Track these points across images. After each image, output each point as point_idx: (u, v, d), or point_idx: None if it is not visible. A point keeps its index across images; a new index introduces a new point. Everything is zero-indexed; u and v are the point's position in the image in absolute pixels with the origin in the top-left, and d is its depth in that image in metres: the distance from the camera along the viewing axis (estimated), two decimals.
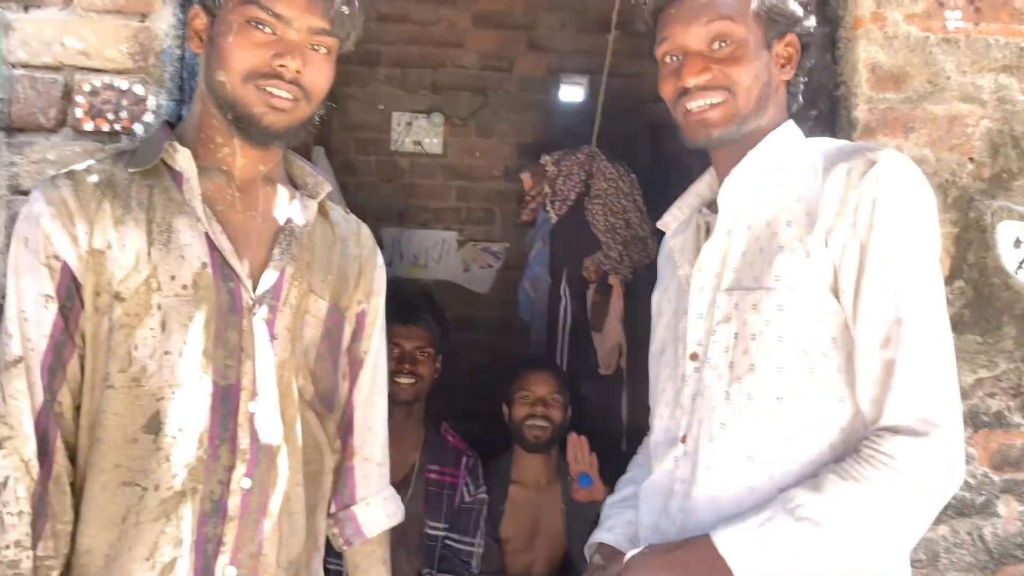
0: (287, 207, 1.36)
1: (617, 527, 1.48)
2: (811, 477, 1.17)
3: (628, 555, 1.21)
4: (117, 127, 1.56)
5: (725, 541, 1.13)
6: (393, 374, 2.48)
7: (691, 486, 1.27)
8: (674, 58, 1.31)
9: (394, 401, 2.46)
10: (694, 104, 1.28)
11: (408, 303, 2.60)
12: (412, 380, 2.52)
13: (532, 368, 2.78)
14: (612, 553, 1.41)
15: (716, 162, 1.39)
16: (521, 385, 2.71)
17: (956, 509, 1.67)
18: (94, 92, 1.56)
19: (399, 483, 2.43)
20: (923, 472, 1.10)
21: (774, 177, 1.29)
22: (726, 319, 1.26)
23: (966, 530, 1.67)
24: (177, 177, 1.27)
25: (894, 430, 1.12)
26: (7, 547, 1.15)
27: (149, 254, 1.21)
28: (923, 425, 1.10)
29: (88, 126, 1.55)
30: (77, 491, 1.21)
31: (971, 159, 1.71)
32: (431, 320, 2.61)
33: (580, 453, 2.50)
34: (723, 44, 1.26)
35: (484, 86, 4.00)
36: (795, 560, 1.11)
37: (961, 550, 1.67)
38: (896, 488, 1.10)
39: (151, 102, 1.57)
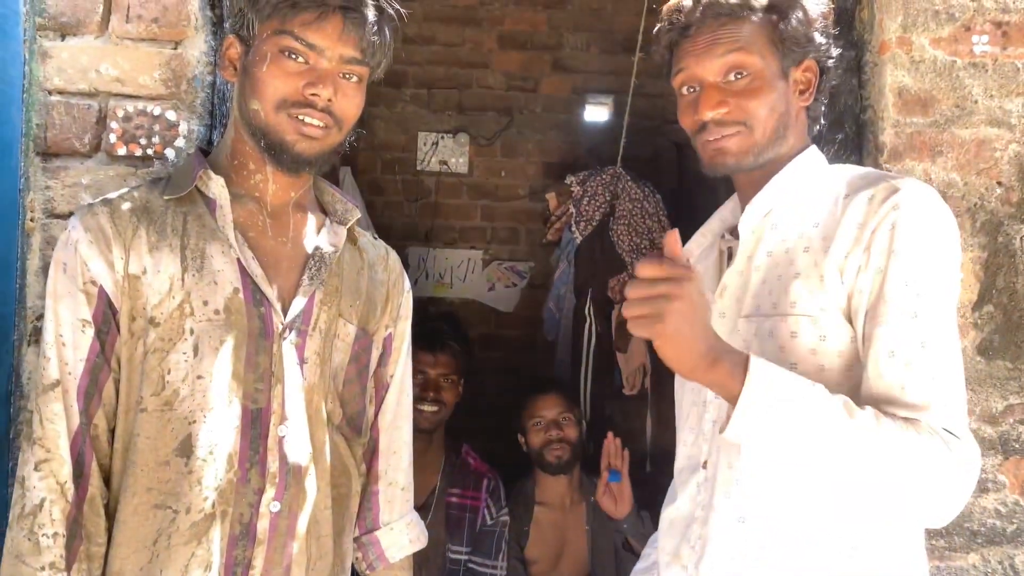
0: (317, 233, 1.38)
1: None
2: (828, 502, 1.15)
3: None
4: (149, 152, 1.59)
5: (758, 364, 1.06)
6: (416, 401, 2.49)
7: (710, 512, 1.27)
8: (691, 89, 1.31)
9: (416, 428, 2.48)
10: (712, 136, 1.28)
11: (434, 329, 2.60)
12: (435, 408, 2.52)
13: (538, 393, 2.76)
14: None
15: (739, 188, 1.39)
16: (531, 413, 2.71)
17: (986, 537, 1.64)
18: (127, 118, 1.59)
19: (419, 507, 2.43)
20: (952, 453, 1.06)
21: (795, 204, 1.29)
22: (745, 346, 1.26)
23: (997, 559, 1.64)
24: (210, 204, 1.30)
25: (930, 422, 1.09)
26: (42, 568, 1.16)
27: (183, 280, 1.24)
28: (946, 435, 1.08)
29: (121, 151, 1.59)
30: (110, 514, 1.23)
31: (999, 183, 1.70)
32: (456, 346, 2.61)
33: (614, 448, 2.48)
34: (739, 76, 1.26)
35: (509, 106, 4.03)
36: (807, 430, 1.06)
37: None
38: (927, 449, 1.06)
39: (183, 127, 1.60)
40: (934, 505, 1.09)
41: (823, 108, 1.38)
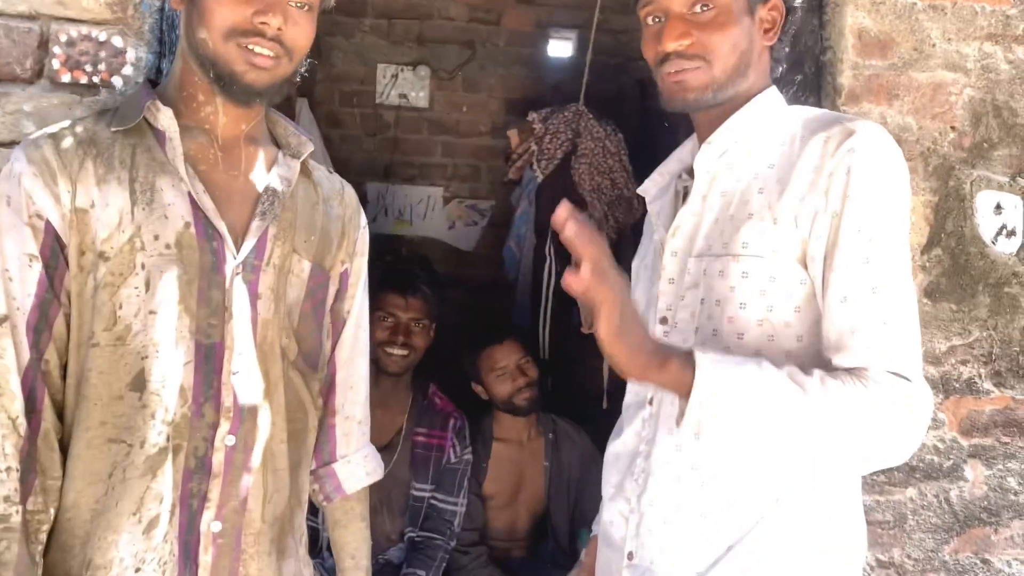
0: (269, 167, 1.36)
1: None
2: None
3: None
4: (95, 79, 1.53)
5: (705, 360, 1.09)
6: (386, 344, 2.48)
7: (652, 447, 1.30)
8: (656, 19, 1.30)
9: (384, 371, 2.46)
10: (672, 68, 1.27)
11: (407, 272, 2.58)
12: (405, 352, 2.52)
13: (494, 343, 2.72)
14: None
15: (697, 127, 1.39)
16: (491, 365, 2.69)
17: (924, 473, 1.71)
18: (71, 43, 1.53)
19: (385, 447, 2.45)
20: (902, 401, 1.10)
21: (751, 144, 1.29)
22: (694, 284, 1.27)
23: (933, 493, 1.71)
24: (160, 136, 1.27)
25: (876, 368, 1.12)
26: None
27: (132, 213, 1.21)
28: (895, 380, 1.11)
29: (65, 77, 1.53)
30: (64, 448, 1.22)
31: (953, 128, 1.72)
32: (428, 291, 2.59)
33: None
34: (705, 8, 1.25)
35: (471, 39, 3.95)
36: (759, 414, 1.09)
37: (928, 512, 1.72)
38: (877, 401, 1.10)
39: (130, 54, 1.54)
40: (890, 452, 1.14)
41: (786, 51, 1.37)
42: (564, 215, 1.04)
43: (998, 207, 1.73)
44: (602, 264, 1.05)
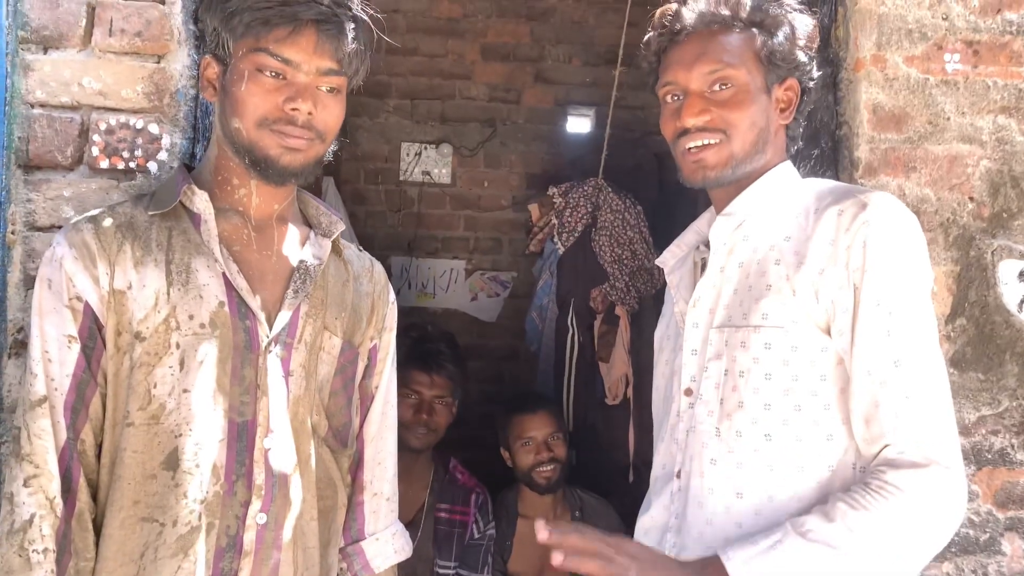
0: (301, 246, 1.39)
1: None
2: (800, 512, 1.17)
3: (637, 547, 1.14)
4: (132, 165, 1.59)
5: (735, 563, 1.10)
6: (409, 423, 2.47)
7: (683, 521, 1.29)
8: (675, 97, 1.34)
9: (406, 447, 2.47)
10: (692, 144, 1.30)
11: (432, 350, 2.59)
12: (427, 430, 2.51)
13: (526, 411, 2.70)
14: None
15: (714, 200, 1.41)
16: (520, 432, 2.66)
17: (960, 547, 1.67)
18: (110, 131, 1.59)
19: (408, 523, 2.43)
20: (929, 502, 1.11)
21: (766, 216, 1.31)
22: (717, 356, 1.28)
23: (971, 568, 1.67)
24: (195, 218, 1.31)
25: (896, 464, 1.13)
26: None
27: (168, 294, 1.25)
28: (925, 459, 1.12)
29: (104, 164, 1.58)
30: (97, 528, 1.23)
31: (971, 198, 1.73)
32: (453, 368, 2.59)
33: None
34: (724, 87, 1.29)
35: (492, 117, 4.05)
36: None
37: None
38: (905, 517, 1.10)
39: (165, 140, 1.60)
40: (931, 550, 1.14)
41: (801, 129, 1.40)
42: (545, 537, 1.10)
43: (1021, 274, 1.73)
44: (606, 555, 1.08)
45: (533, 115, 4.08)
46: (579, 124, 4.04)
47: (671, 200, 3.47)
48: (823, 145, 1.79)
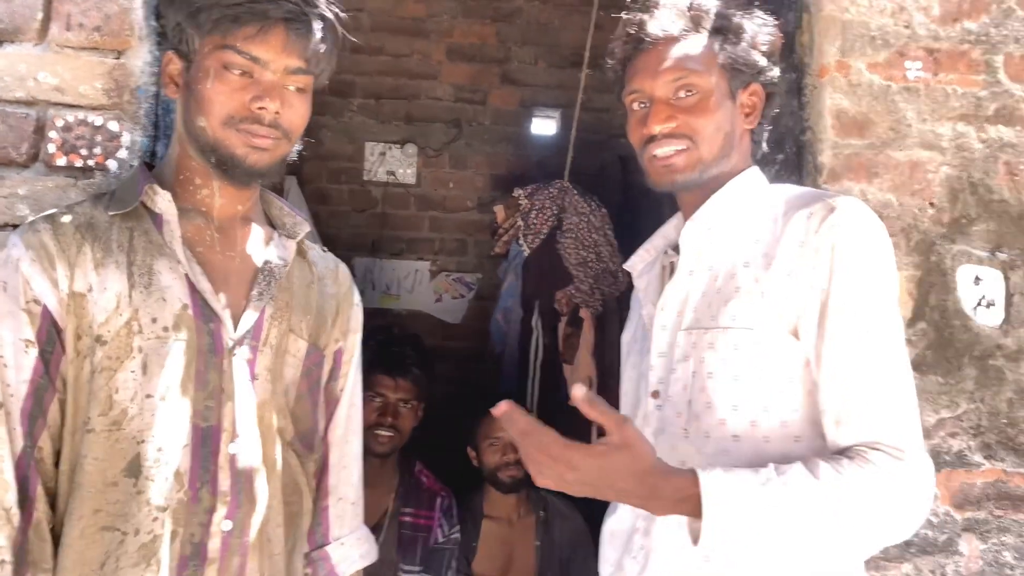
0: (265, 247, 1.37)
1: None
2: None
3: (611, 435, 1.10)
4: (91, 163, 1.55)
5: (710, 482, 1.09)
6: (373, 426, 2.44)
7: (651, 523, 1.29)
8: (642, 105, 1.35)
9: (371, 452, 2.44)
10: (660, 151, 1.32)
11: (397, 354, 2.57)
12: (391, 433, 2.49)
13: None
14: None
15: (682, 205, 1.43)
16: (487, 433, 2.67)
17: (919, 548, 1.70)
18: (67, 128, 1.55)
19: (373, 528, 2.41)
20: (903, 484, 1.12)
21: (735, 220, 1.33)
22: (685, 358, 1.29)
23: (929, 568, 1.70)
24: (157, 219, 1.28)
25: (873, 447, 1.13)
26: None
27: (130, 297, 1.21)
28: (899, 453, 1.13)
29: (61, 161, 1.54)
30: (55, 537, 1.19)
31: (932, 204, 1.76)
32: (419, 372, 2.58)
33: None
34: (689, 93, 1.31)
35: (458, 118, 4.04)
36: (761, 527, 1.09)
37: None
38: (880, 490, 1.11)
39: (125, 138, 1.56)
40: (896, 532, 1.15)
41: (766, 133, 1.42)
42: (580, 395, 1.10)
43: (976, 279, 1.76)
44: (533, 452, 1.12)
45: (499, 116, 4.08)
46: (545, 126, 4.04)
47: (636, 203, 3.49)
48: (788, 150, 1.81)
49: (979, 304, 1.76)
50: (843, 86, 1.76)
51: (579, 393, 1.09)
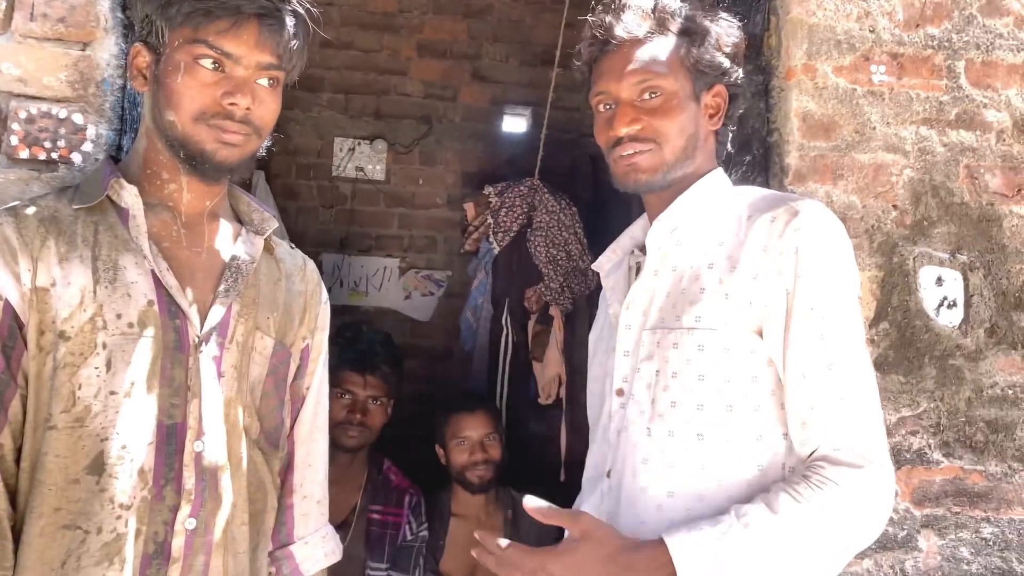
0: (233, 243, 1.36)
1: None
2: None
3: (571, 531, 1.20)
4: (54, 156, 1.53)
5: (677, 546, 1.12)
6: (343, 422, 2.45)
7: (615, 520, 1.30)
8: (608, 107, 1.37)
9: (340, 448, 2.43)
10: (625, 152, 1.33)
11: (366, 351, 2.56)
12: (360, 430, 2.48)
13: (464, 411, 2.70)
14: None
15: (648, 206, 1.44)
16: (455, 431, 2.66)
17: (879, 543, 1.73)
18: (30, 119, 1.52)
19: (339, 525, 2.40)
20: (864, 498, 1.15)
21: (700, 223, 1.34)
22: (649, 357, 1.30)
23: (889, 564, 1.73)
24: (123, 214, 1.26)
25: (834, 462, 1.17)
26: None
27: (95, 292, 1.20)
28: (861, 460, 1.16)
29: (23, 154, 1.52)
30: (16, 535, 1.17)
31: (895, 206, 1.79)
32: (388, 370, 2.57)
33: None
34: (653, 95, 1.32)
35: (428, 114, 4.03)
36: (739, 572, 1.13)
37: None
38: (842, 510, 1.14)
39: (91, 131, 1.54)
40: (861, 543, 1.18)
41: (731, 133, 1.44)
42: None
43: (939, 280, 1.79)
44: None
45: (469, 113, 4.07)
46: (515, 124, 4.04)
47: (606, 202, 3.51)
48: (755, 151, 1.83)
49: (941, 305, 1.80)
50: (809, 89, 1.78)
51: (531, 505, 1.18)
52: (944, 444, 1.77)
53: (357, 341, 2.60)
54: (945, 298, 1.80)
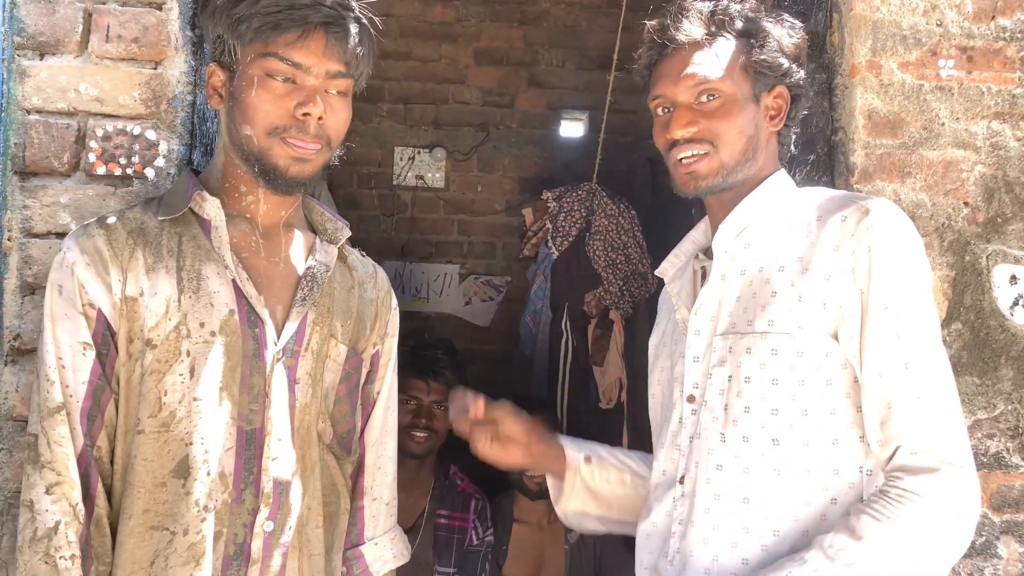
0: (308, 252, 1.39)
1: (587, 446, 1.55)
2: (808, 517, 1.19)
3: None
4: (129, 171, 1.58)
5: None
6: (408, 427, 2.49)
7: (688, 527, 1.29)
8: (666, 110, 1.37)
9: (407, 454, 2.47)
10: (682, 155, 1.33)
11: (430, 357, 2.61)
12: (426, 435, 2.52)
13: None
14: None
15: (710, 210, 1.43)
16: None
17: None
18: (107, 137, 1.58)
19: (408, 529, 2.44)
20: (949, 504, 1.12)
21: (766, 225, 1.33)
22: (721, 362, 1.29)
23: (967, 571, 1.68)
24: (205, 225, 1.31)
25: (912, 470, 1.14)
26: None
27: (179, 301, 1.24)
28: (939, 463, 1.13)
29: (101, 170, 1.58)
30: (112, 533, 1.23)
31: (966, 203, 1.74)
32: (451, 375, 2.61)
33: None
34: (711, 98, 1.32)
35: (485, 122, 4.06)
36: None
37: None
38: (928, 522, 1.12)
39: (163, 147, 1.59)
40: (956, 551, 1.15)
41: (794, 134, 1.42)
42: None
43: (1013, 278, 1.74)
44: None
45: (526, 119, 4.09)
46: (572, 128, 4.04)
47: (665, 204, 3.48)
48: (819, 151, 1.80)
49: (1016, 303, 1.74)
50: (874, 86, 1.75)
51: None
52: (1023, 448, 1.71)
53: (420, 348, 2.64)
54: (1021, 296, 1.75)
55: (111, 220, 1.29)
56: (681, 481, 1.33)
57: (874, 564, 1.11)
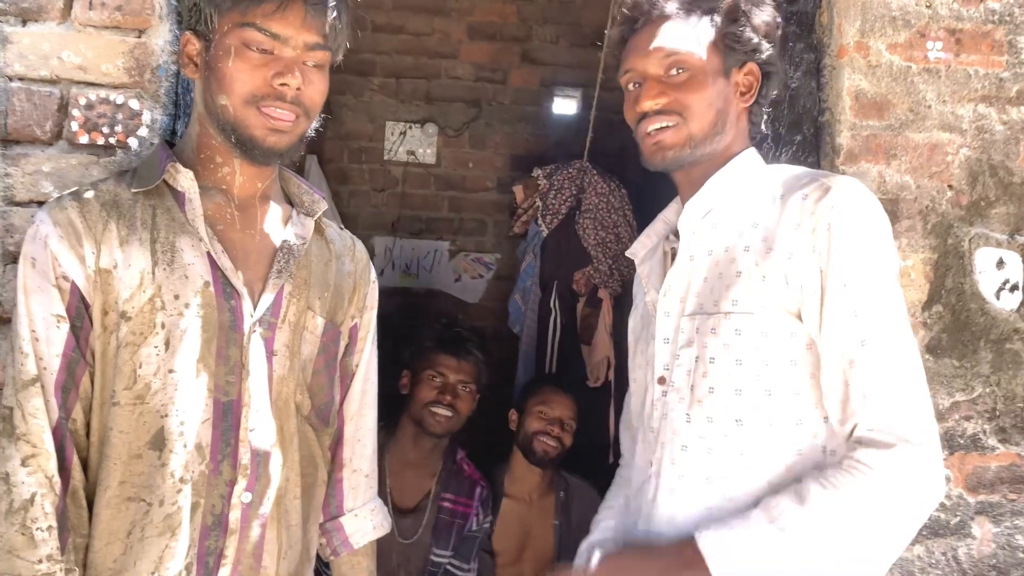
0: (284, 225, 1.39)
1: (599, 532, 1.52)
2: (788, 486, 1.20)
3: (598, 554, 1.27)
4: (112, 140, 1.57)
5: (708, 542, 1.15)
6: (431, 403, 2.48)
7: (654, 507, 1.30)
8: (636, 84, 1.36)
9: (426, 432, 2.47)
10: (651, 127, 1.32)
11: (462, 336, 2.61)
12: (449, 414, 2.49)
13: (555, 390, 2.77)
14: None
15: (680, 188, 1.43)
16: (542, 400, 2.71)
17: (931, 530, 1.70)
18: (90, 106, 1.57)
19: (414, 509, 2.44)
20: (899, 480, 1.12)
21: (733, 204, 1.33)
22: (688, 343, 1.30)
23: (941, 551, 1.70)
24: (179, 197, 1.30)
25: (866, 443, 1.15)
26: (39, 561, 1.16)
27: (153, 273, 1.24)
28: (895, 439, 1.13)
29: (83, 139, 1.57)
30: (89, 505, 1.23)
31: (950, 186, 1.75)
32: (480, 356, 2.61)
33: None
34: (680, 71, 1.31)
35: (478, 97, 4.03)
36: (774, 568, 1.13)
37: (936, 570, 1.70)
38: (874, 494, 1.12)
39: (146, 116, 1.59)
40: (905, 528, 1.15)
41: (766, 113, 1.41)
42: None
43: (1000, 263, 1.75)
44: None
45: (519, 96, 4.07)
46: (565, 105, 4.02)
47: (656, 184, 3.47)
48: (805, 131, 1.80)
49: (1003, 288, 1.75)
50: (862, 67, 1.74)
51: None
52: (1000, 430, 1.73)
53: (452, 326, 2.66)
54: (1007, 281, 1.75)
55: (84, 192, 1.28)
56: (650, 463, 1.34)
57: (813, 530, 1.12)
